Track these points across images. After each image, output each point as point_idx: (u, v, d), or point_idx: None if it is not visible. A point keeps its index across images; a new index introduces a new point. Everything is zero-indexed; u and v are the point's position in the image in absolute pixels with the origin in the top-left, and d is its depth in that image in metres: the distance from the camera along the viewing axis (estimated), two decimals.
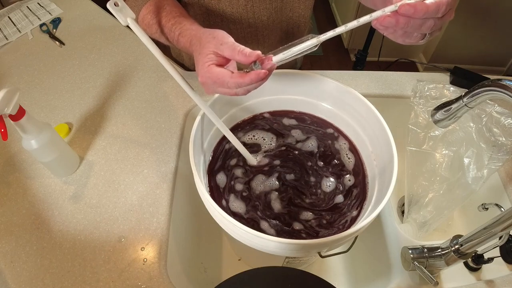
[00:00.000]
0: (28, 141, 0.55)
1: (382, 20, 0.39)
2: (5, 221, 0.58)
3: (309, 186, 0.56)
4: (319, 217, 0.53)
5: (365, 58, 1.72)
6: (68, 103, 0.74)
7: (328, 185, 0.56)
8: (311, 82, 0.61)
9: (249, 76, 0.41)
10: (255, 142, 0.61)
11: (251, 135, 0.62)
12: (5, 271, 0.53)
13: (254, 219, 0.52)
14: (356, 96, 0.57)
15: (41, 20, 0.94)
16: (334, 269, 0.74)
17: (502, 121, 0.63)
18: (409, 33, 0.41)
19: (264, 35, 0.75)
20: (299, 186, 0.56)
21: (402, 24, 0.39)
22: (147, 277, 0.52)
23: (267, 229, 0.51)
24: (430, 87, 0.70)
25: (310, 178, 0.57)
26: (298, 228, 0.52)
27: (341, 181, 0.57)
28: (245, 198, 0.54)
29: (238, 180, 0.56)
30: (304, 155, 0.60)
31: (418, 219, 0.65)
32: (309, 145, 0.61)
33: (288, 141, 0.61)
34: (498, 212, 0.56)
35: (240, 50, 0.42)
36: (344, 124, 0.62)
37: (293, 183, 0.56)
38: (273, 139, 0.61)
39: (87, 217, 0.58)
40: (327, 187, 0.56)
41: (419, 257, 0.53)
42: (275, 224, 0.52)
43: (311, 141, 0.61)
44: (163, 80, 0.78)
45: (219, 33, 0.46)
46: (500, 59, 2.06)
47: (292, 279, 0.35)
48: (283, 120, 0.64)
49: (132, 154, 0.66)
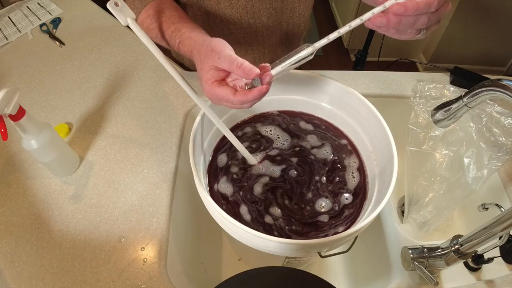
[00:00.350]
0: (28, 141, 0.55)
1: (373, 20, 0.40)
2: (5, 221, 0.58)
3: (309, 187, 0.56)
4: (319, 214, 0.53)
5: (365, 58, 1.72)
6: (68, 103, 0.74)
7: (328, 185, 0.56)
8: (311, 82, 0.61)
9: (252, 93, 0.42)
10: (269, 137, 0.61)
11: (268, 129, 0.62)
12: (5, 271, 0.53)
13: (255, 217, 0.52)
14: (356, 96, 0.57)
15: (41, 20, 0.94)
16: (334, 269, 0.74)
17: (502, 121, 0.63)
18: (402, 30, 0.41)
19: (264, 35, 0.75)
20: (300, 183, 0.56)
21: (394, 23, 0.39)
22: (147, 277, 0.52)
23: (270, 229, 0.52)
24: (430, 87, 0.70)
25: (310, 177, 0.57)
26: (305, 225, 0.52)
27: (340, 180, 0.57)
28: (245, 198, 0.54)
29: (238, 180, 0.56)
30: (305, 154, 0.60)
31: (418, 219, 0.65)
32: (311, 144, 0.61)
33: (296, 143, 0.61)
34: (498, 212, 0.56)
35: (239, 65, 0.42)
36: (344, 124, 0.62)
37: (293, 180, 0.56)
38: (286, 140, 0.61)
39: (87, 217, 0.58)
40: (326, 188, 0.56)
41: (419, 257, 0.53)
42: (278, 226, 0.52)
43: (313, 140, 0.61)
44: (163, 80, 0.78)
45: (217, 44, 0.45)
46: (500, 59, 2.06)
47: (292, 279, 0.35)
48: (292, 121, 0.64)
49: (132, 154, 0.66)
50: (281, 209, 0.54)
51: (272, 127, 0.63)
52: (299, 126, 0.63)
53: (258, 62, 0.84)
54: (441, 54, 2.04)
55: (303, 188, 0.56)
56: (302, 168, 0.58)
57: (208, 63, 0.45)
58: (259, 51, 0.77)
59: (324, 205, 0.54)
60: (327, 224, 0.53)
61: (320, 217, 0.53)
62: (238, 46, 0.75)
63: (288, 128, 0.63)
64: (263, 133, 0.62)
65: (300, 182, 0.57)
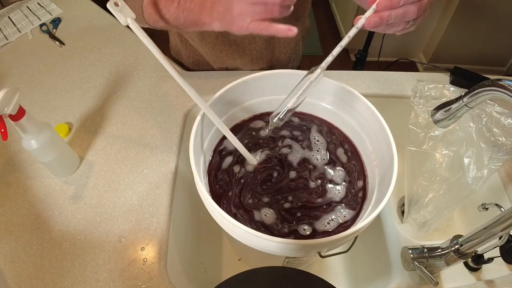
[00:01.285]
0: (28, 141, 0.54)
1: (368, 23, 0.42)
2: (5, 221, 0.58)
3: (309, 187, 0.56)
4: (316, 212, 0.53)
5: (365, 58, 1.72)
6: (68, 103, 0.74)
7: (329, 185, 0.56)
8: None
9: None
10: (269, 136, 0.61)
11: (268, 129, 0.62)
12: (5, 271, 0.53)
13: (255, 217, 0.52)
14: (356, 96, 0.57)
15: (41, 20, 0.94)
16: (334, 269, 0.74)
17: (502, 121, 0.63)
18: (393, 23, 0.43)
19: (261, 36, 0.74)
20: (300, 183, 0.56)
21: (386, 18, 0.41)
22: (147, 277, 0.52)
23: (270, 229, 0.52)
24: (430, 87, 0.70)
25: (310, 178, 0.57)
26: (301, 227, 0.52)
27: (341, 181, 0.57)
28: (245, 198, 0.54)
29: (238, 180, 0.56)
30: (305, 155, 0.60)
31: (418, 219, 0.65)
32: (311, 144, 0.61)
33: (296, 143, 0.61)
34: (498, 212, 0.56)
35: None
36: (344, 124, 0.62)
37: (293, 180, 0.56)
38: (286, 140, 0.61)
39: (87, 217, 0.58)
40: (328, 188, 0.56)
41: (419, 257, 0.53)
42: (278, 226, 0.52)
43: (313, 140, 0.61)
44: (163, 80, 0.78)
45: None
46: (500, 59, 2.06)
47: (292, 279, 0.35)
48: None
49: (132, 154, 0.66)
50: (281, 209, 0.54)
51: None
52: (299, 126, 0.63)
53: (256, 63, 0.84)
54: (441, 54, 2.04)
55: (303, 188, 0.56)
56: (302, 168, 0.58)
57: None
58: (256, 52, 0.77)
59: (324, 205, 0.54)
60: (327, 224, 0.53)
61: (320, 217, 0.53)
62: (235, 46, 0.75)
63: (288, 128, 0.63)
64: (263, 133, 0.62)
65: (300, 182, 0.57)
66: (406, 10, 0.42)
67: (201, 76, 0.78)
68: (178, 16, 0.53)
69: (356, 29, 0.44)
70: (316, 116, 0.65)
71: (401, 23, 0.44)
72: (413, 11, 0.42)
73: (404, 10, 0.42)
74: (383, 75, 0.81)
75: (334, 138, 0.62)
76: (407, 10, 0.42)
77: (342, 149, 0.61)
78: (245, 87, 0.58)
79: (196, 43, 0.78)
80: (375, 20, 0.42)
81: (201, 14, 0.50)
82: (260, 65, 0.80)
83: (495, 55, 2.02)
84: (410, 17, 0.43)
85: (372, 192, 0.55)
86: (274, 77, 0.58)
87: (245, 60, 0.79)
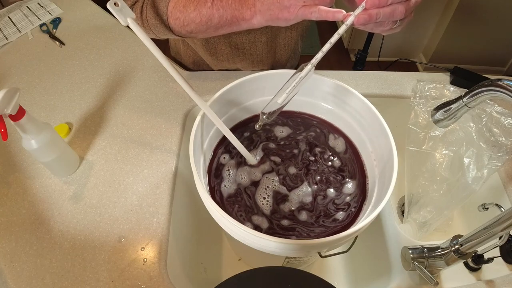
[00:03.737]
0: (28, 141, 0.54)
1: (358, 20, 0.43)
2: (5, 221, 0.58)
3: (309, 187, 0.56)
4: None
5: (365, 58, 1.72)
6: (68, 103, 0.74)
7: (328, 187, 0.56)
8: (311, 82, 0.61)
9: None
10: (269, 137, 0.61)
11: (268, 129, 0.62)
12: (5, 271, 0.53)
13: (255, 217, 0.52)
14: (356, 96, 0.57)
15: (41, 20, 0.94)
16: (334, 269, 0.74)
17: (502, 121, 0.63)
18: (381, 22, 0.44)
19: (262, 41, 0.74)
20: (300, 183, 0.56)
21: (375, 16, 0.43)
22: (147, 277, 0.52)
23: (270, 228, 0.52)
24: (430, 87, 0.70)
25: (310, 178, 0.57)
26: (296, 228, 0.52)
27: (340, 180, 0.57)
28: (244, 198, 0.54)
29: (238, 180, 0.56)
30: (305, 155, 0.60)
31: (418, 219, 0.65)
32: (312, 144, 0.61)
33: (296, 143, 0.61)
34: (498, 212, 0.56)
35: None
36: (344, 124, 0.62)
37: (293, 180, 0.56)
38: (286, 140, 0.61)
39: (87, 217, 0.58)
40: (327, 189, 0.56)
41: (419, 257, 0.53)
42: (278, 226, 0.52)
43: (313, 140, 0.61)
44: (163, 80, 0.78)
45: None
46: (500, 59, 2.06)
47: (292, 279, 0.35)
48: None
49: (132, 154, 0.66)
50: (281, 209, 0.54)
51: (272, 127, 0.63)
52: (299, 126, 0.63)
53: (256, 66, 0.84)
54: (441, 54, 2.04)
55: (303, 188, 0.56)
56: (302, 168, 0.58)
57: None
58: (257, 56, 0.77)
59: (324, 204, 0.54)
60: (327, 223, 0.53)
61: (320, 217, 0.53)
62: (236, 50, 0.75)
63: (288, 128, 0.63)
64: (263, 133, 0.62)
65: (300, 182, 0.57)
66: (394, 9, 0.43)
67: (201, 76, 0.78)
68: (212, 16, 0.52)
69: (345, 26, 0.44)
70: (316, 116, 0.65)
71: (389, 22, 0.45)
72: (400, 11, 0.43)
73: (392, 9, 0.43)
74: (383, 75, 0.81)
75: (334, 138, 0.62)
76: (395, 9, 0.43)
77: (342, 149, 0.61)
78: (245, 87, 0.58)
79: (198, 47, 0.77)
80: (364, 18, 0.43)
81: (241, 9, 0.50)
82: (260, 68, 0.81)
83: (495, 55, 2.02)
84: (397, 17, 0.44)
85: (372, 192, 0.55)
86: (274, 77, 0.58)
87: (245, 63, 0.79)
